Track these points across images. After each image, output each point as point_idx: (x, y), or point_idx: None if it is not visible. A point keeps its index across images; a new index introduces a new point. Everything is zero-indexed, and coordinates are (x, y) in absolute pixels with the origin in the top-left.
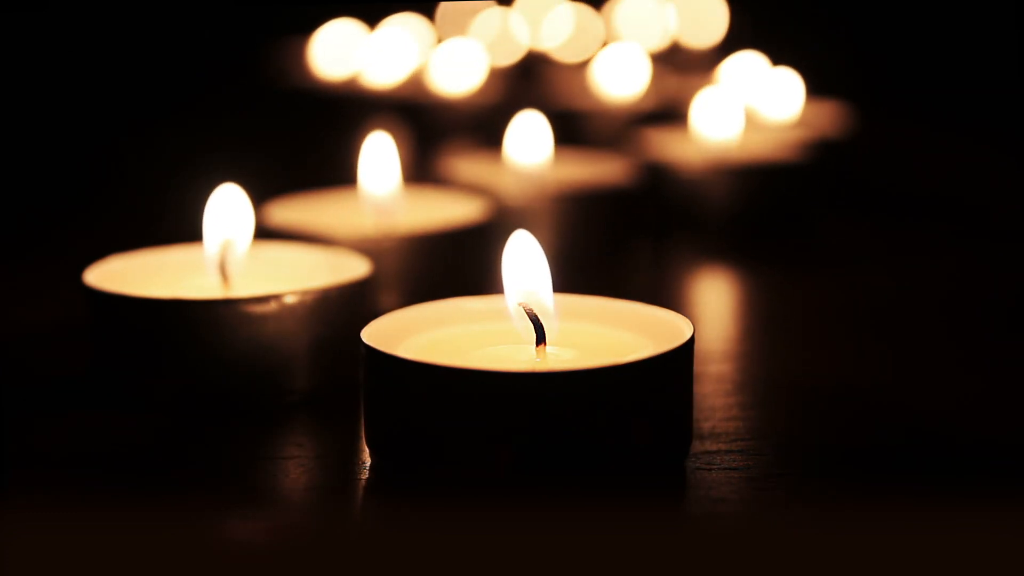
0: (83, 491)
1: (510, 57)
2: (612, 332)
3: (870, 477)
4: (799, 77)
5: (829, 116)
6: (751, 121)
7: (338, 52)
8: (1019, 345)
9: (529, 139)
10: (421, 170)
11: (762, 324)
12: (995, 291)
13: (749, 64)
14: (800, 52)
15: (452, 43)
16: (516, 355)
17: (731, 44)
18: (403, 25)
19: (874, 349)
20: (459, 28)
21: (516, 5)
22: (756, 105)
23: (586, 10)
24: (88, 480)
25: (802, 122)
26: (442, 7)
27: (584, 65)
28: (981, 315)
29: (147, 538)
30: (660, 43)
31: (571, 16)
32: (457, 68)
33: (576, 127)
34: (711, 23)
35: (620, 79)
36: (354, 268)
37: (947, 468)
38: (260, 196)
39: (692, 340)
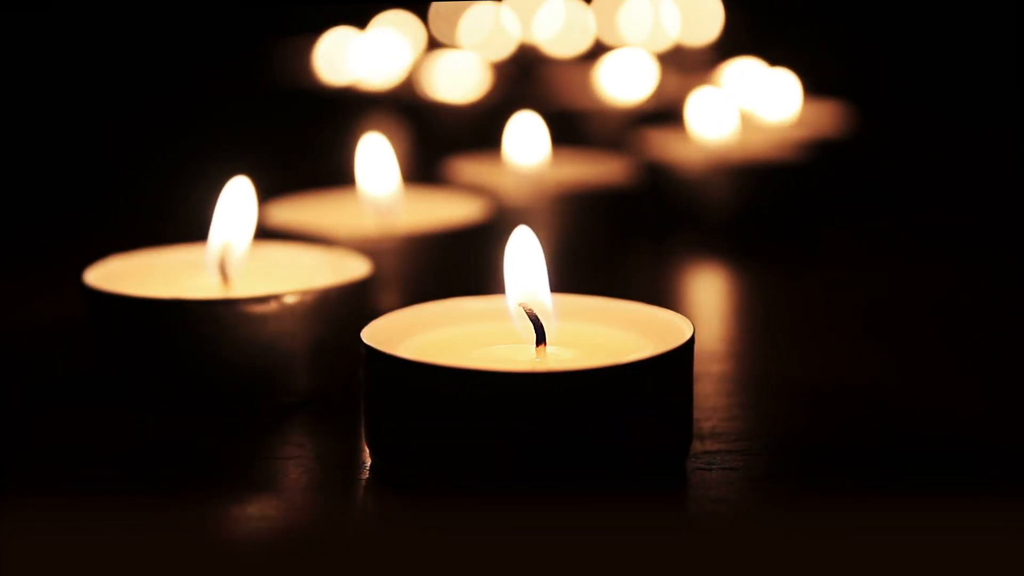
0: (83, 491)
1: (503, 53)
2: (612, 332)
3: (870, 477)
4: (797, 77)
5: (827, 116)
6: (748, 121)
7: (337, 56)
8: (1016, 346)
9: (527, 139)
10: (421, 170)
11: (762, 324)
12: (993, 292)
13: (747, 68)
14: (797, 52)
15: (445, 41)
16: (516, 355)
17: (727, 43)
18: (394, 25)
19: (874, 349)
20: (451, 26)
21: (508, 1)
22: (753, 105)
23: (577, 5)
24: (88, 480)
25: (801, 122)
26: (434, 6)
27: (578, 60)
28: (979, 316)
29: (146, 538)
30: (659, 43)
31: (563, 10)
32: (451, 66)
33: (575, 127)
34: (708, 22)
35: (620, 80)
36: (354, 268)
37: (947, 468)
38: (261, 195)
39: (692, 340)
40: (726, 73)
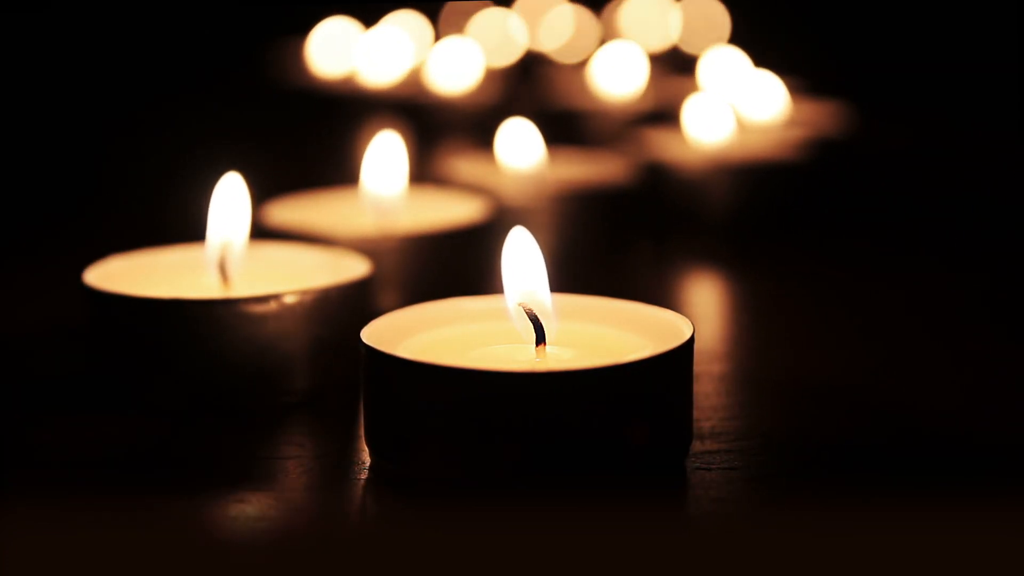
0: (83, 491)
1: (508, 57)
2: (612, 332)
3: (869, 477)
4: (795, 77)
5: (825, 116)
6: (746, 122)
7: (334, 50)
8: (1013, 347)
9: (525, 140)
10: (421, 170)
11: (761, 323)
12: (991, 292)
13: (730, 60)
14: (797, 52)
15: (450, 42)
16: (516, 355)
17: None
18: (400, 24)
19: (873, 350)
20: (458, 28)
21: (515, 6)
22: (746, 106)
23: (585, 12)
24: (88, 480)
25: (798, 122)
26: (445, 7)
27: (582, 65)
28: (978, 316)
29: (146, 538)
30: (662, 46)
31: (570, 17)
32: (455, 67)
33: (574, 127)
34: (713, 28)
35: (618, 79)
36: (354, 268)
37: (946, 468)
38: (260, 195)
39: (692, 340)
40: (709, 66)
